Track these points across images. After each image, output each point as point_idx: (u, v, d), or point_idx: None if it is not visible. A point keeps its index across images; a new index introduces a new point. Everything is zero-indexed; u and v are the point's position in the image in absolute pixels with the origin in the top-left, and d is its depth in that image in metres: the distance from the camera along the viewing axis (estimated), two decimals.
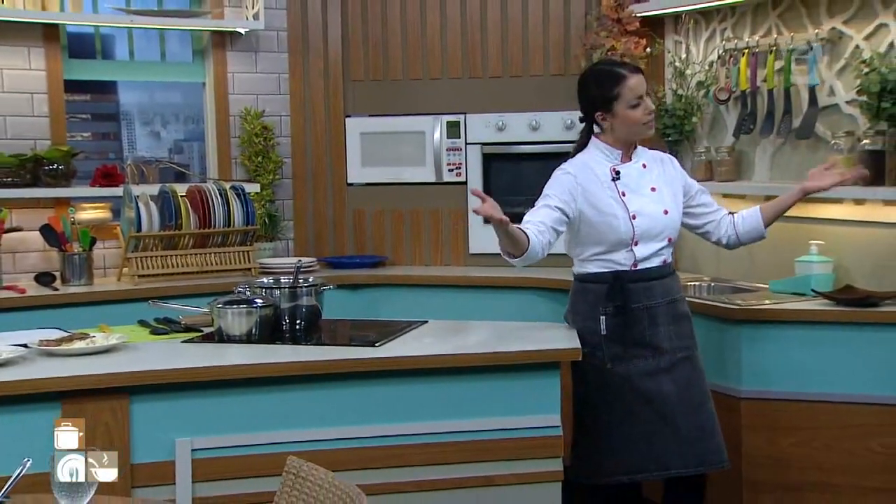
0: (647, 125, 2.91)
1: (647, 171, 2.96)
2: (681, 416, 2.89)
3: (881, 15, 3.39)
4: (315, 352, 2.90)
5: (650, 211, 2.91)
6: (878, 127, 3.33)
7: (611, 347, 2.91)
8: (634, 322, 2.90)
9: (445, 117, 4.65)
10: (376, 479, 2.75)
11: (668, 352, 2.91)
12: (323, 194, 4.84)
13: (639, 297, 2.90)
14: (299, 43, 4.77)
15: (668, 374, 2.90)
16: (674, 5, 4.12)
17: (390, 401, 2.82)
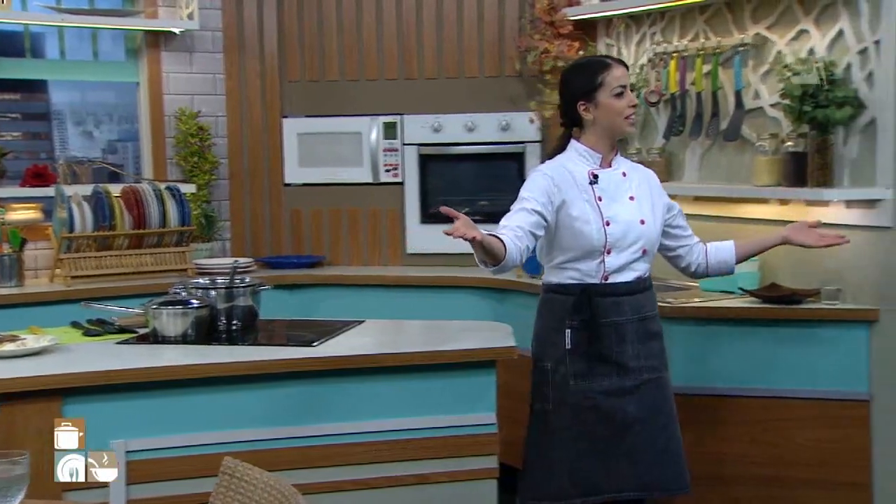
0: (630, 120, 2.77)
1: (626, 180, 2.80)
2: (641, 439, 2.74)
3: (802, 21, 3.50)
4: (251, 352, 2.90)
5: (626, 218, 2.74)
6: (800, 130, 3.44)
7: (575, 363, 2.75)
8: (601, 338, 2.73)
9: (382, 118, 4.67)
10: (314, 478, 2.76)
11: (635, 371, 2.75)
12: (260, 195, 4.82)
13: (606, 312, 2.73)
14: (235, 43, 4.75)
15: (632, 395, 2.74)
16: (605, 9, 4.20)
17: (327, 400, 2.84)
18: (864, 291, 3.33)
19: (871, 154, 3.29)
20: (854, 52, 3.33)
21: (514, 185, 4.53)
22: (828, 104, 3.27)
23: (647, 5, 4.00)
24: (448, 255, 4.65)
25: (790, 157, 3.46)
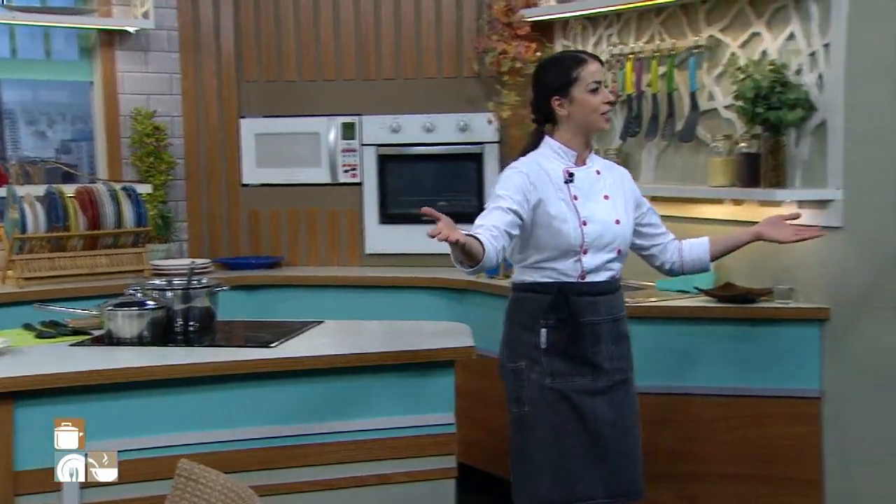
0: (605, 116, 2.70)
1: (600, 178, 2.74)
2: (610, 441, 2.69)
3: (755, 24, 3.56)
4: (209, 353, 2.88)
5: (602, 218, 2.69)
6: (753, 131, 3.49)
7: (551, 362, 2.68)
8: (577, 338, 2.67)
9: (340, 118, 4.66)
10: (272, 479, 2.75)
11: (608, 372, 2.70)
12: (217, 195, 4.79)
13: (583, 311, 2.67)
14: (191, 43, 4.71)
15: (604, 396, 2.69)
16: (562, 11, 4.23)
17: (285, 401, 2.83)
18: (815, 290, 3.39)
19: (821, 155, 3.35)
20: (805, 55, 3.39)
21: (472, 186, 4.64)
22: (780, 106, 3.33)
23: (604, 7, 4.03)
24: (407, 256, 4.66)
25: (744, 157, 3.52)
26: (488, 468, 4.10)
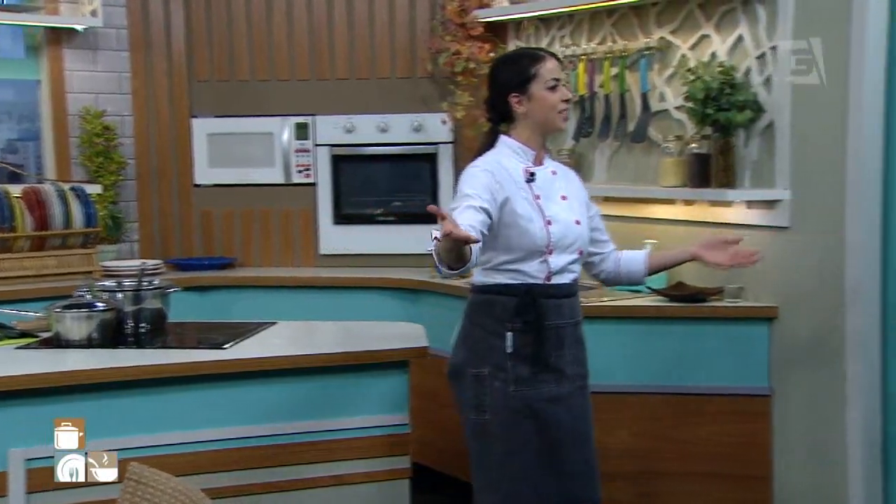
0: (563, 115, 2.65)
1: (557, 178, 2.70)
2: (570, 449, 2.64)
3: (704, 27, 3.61)
4: (160, 355, 2.86)
5: (564, 218, 2.63)
6: (703, 132, 3.54)
7: (516, 368, 2.59)
8: (543, 342, 2.60)
9: (294, 119, 4.64)
10: (225, 482, 2.73)
11: (570, 378, 2.64)
12: (169, 196, 4.74)
13: (550, 314, 2.60)
14: (141, 41, 4.66)
15: (565, 402, 2.63)
16: (515, 12, 4.25)
17: (238, 403, 2.81)
18: (764, 290, 3.44)
19: (770, 156, 3.40)
20: (753, 58, 3.44)
21: (427, 186, 4.65)
22: (729, 107, 3.38)
23: (556, 8, 4.06)
24: (361, 256, 4.65)
25: (694, 158, 3.56)
26: (443, 468, 4.11)
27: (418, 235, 4.56)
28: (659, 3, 3.75)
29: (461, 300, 4.00)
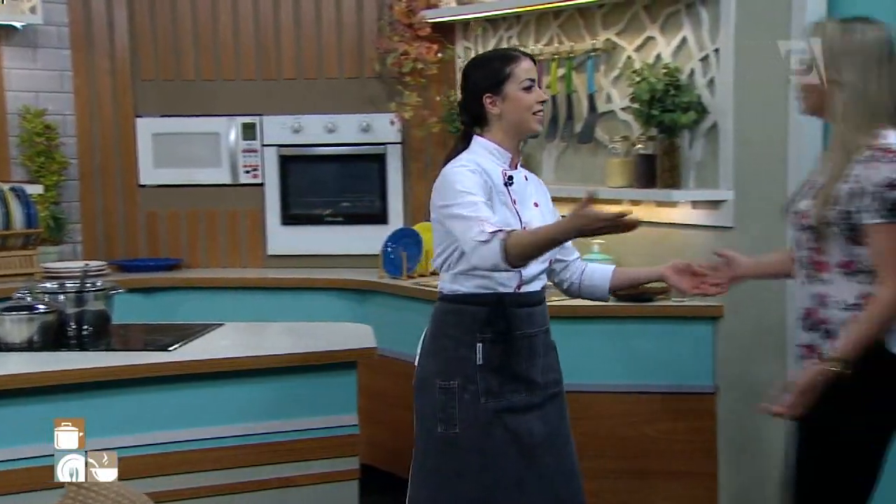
0: (538, 116, 2.56)
1: (528, 185, 2.64)
2: (548, 458, 2.57)
3: (649, 29, 3.65)
4: (104, 357, 2.82)
5: (536, 225, 2.53)
6: (649, 133, 3.58)
7: (486, 379, 2.51)
8: (514, 352, 2.53)
9: (240, 118, 4.60)
10: (171, 485, 2.71)
11: (542, 387, 2.58)
12: (113, 196, 4.68)
13: (521, 323, 2.53)
14: (83, 39, 4.58)
15: (539, 411, 2.57)
16: (462, 13, 4.26)
17: (184, 405, 2.78)
18: None
19: (714, 157, 3.46)
20: (696, 60, 3.49)
21: (375, 187, 4.64)
22: (674, 108, 3.42)
23: (503, 9, 4.08)
24: (309, 257, 4.63)
25: (640, 159, 3.60)
26: (391, 468, 4.10)
27: (366, 236, 4.61)
28: (604, 4, 3.79)
29: (408, 300, 4.04)
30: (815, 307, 2.33)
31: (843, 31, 2.30)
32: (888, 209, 2.21)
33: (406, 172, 4.59)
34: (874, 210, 2.21)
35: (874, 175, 2.21)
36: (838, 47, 2.28)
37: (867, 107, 2.27)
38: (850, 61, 2.27)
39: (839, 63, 2.28)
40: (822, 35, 2.31)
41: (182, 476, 2.75)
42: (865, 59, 2.27)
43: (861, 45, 2.28)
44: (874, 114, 2.27)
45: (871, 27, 2.30)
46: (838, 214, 2.25)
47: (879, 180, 2.20)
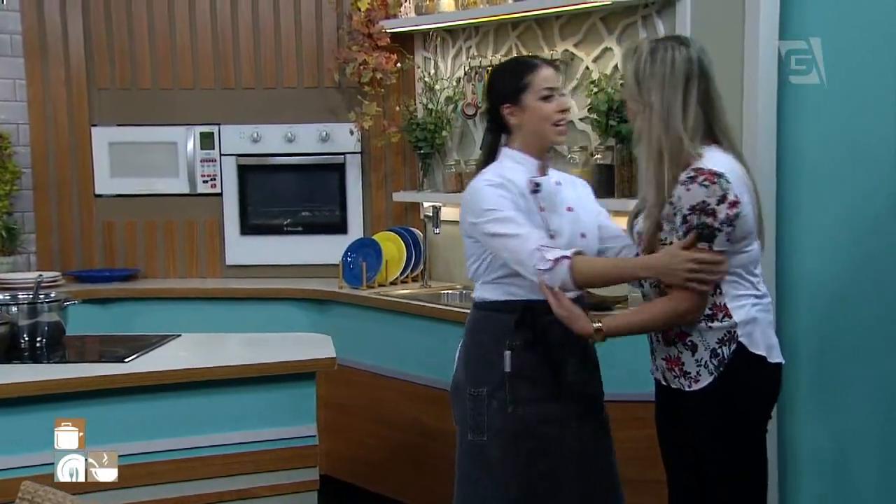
0: (559, 127, 2.50)
1: (561, 189, 2.57)
2: (581, 471, 2.51)
3: (606, 40, 3.69)
4: (58, 370, 2.78)
5: (568, 231, 2.50)
6: (607, 143, 3.61)
7: (515, 388, 2.48)
8: (544, 361, 2.48)
9: (198, 128, 4.57)
10: (127, 498, 2.67)
11: (574, 398, 2.52)
12: (68, 206, 4.62)
13: (550, 332, 2.47)
14: (37, 48, 4.53)
15: (574, 422, 2.51)
16: (421, 23, 4.27)
17: (140, 417, 2.75)
18: None
19: None
20: None
21: (334, 196, 4.63)
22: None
23: (462, 20, 4.09)
24: (268, 267, 4.61)
25: (599, 168, 3.63)
26: (350, 479, 4.09)
27: (326, 246, 4.60)
28: (562, 16, 3.82)
29: (368, 310, 4.03)
30: None
31: (650, 52, 2.33)
32: (689, 232, 2.25)
33: (366, 182, 4.58)
34: (680, 232, 2.26)
35: (690, 198, 2.25)
36: (645, 70, 2.32)
37: (673, 128, 2.29)
38: (656, 85, 2.31)
39: (647, 85, 2.32)
40: (634, 56, 2.35)
41: (138, 489, 2.71)
42: (670, 83, 2.30)
43: (667, 68, 2.31)
44: (681, 135, 2.29)
45: (678, 49, 2.33)
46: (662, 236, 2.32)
47: (694, 203, 2.24)
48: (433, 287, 4.31)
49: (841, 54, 3.18)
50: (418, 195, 4.45)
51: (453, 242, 4.41)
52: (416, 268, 4.41)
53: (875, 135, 3.18)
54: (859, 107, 3.19)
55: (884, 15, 3.14)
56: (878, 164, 3.19)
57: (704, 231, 2.24)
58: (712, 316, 2.34)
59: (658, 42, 2.38)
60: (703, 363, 2.36)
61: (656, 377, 2.55)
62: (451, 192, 4.26)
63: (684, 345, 2.38)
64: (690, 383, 2.39)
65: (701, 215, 2.24)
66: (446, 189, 4.30)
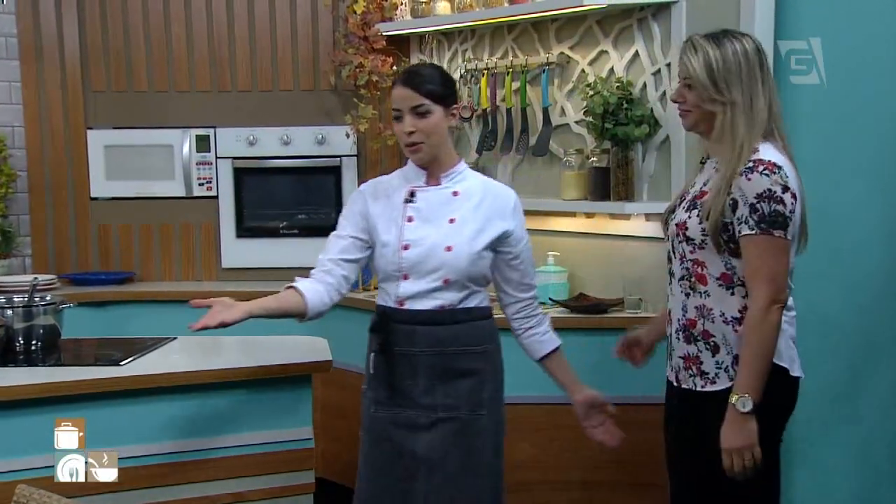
0: (409, 149, 2.49)
1: (455, 200, 2.51)
2: (429, 484, 2.48)
3: (602, 43, 3.69)
4: (53, 373, 2.78)
5: (429, 243, 2.46)
6: (603, 146, 3.61)
7: (376, 389, 2.55)
8: (395, 367, 2.51)
9: (194, 131, 4.57)
10: (121, 501, 2.66)
11: (428, 409, 2.49)
12: (64, 209, 4.61)
13: (400, 340, 2.50)
14: (32, 51, 4.52)
15: (424, 433, 2.49)
16: (417, 26, 4.28)
17: (136, 421, 2.74)
18: (662, 300, 3.51)
19: (666, 170, 3.50)
20: (649, 73, 3.53)
21: (330, 199, 4.62)
22: (627, 122, 3.46)
23: (458, 23, 4.10)
24: (265, 270, 4.60)
25: (595, 171, 3.63)
26: (347, 482, 4.06)
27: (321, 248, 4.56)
28: (558, 19, 3.82)
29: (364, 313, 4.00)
30: (696, 318, 2.36)
31: (719, 47, 2.30)
32: (761, 220, 2.23)
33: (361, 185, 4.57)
34: (751, 222, 2.23)
35: (753, 187, 2.23)
36: (721, 66, 2.29)
37: (754, 124, 2.29)
38: (735, 80, 2.29)
39: (726, 82, 2.29)
40: (700, 53, 2.31)
41: (134, 492, 2.70)
42: (748, 76, 2.29)
43: (741, 61, 2.29)
44: (758, 129, 2.29)
45: (740, 41, 2.32)
46: (721, 226, 2.27)
47: (760, 191, 2.23)
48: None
49: (841, 54, 3.19)
50: None
51: None
52: None
53: (875, 135, 3.18)
54: (859, 107, 3.19)
55: (884, 15, 3.15)
56: (879, 164, 3.19)
57: (778, 219, 2.22)
58: (740, 319, 2.30)
59: (718, 37, 2.32)
60: (724, 367, 2.33)
61: (669, 378, 2.52)
62: None
63: (706, 343, 2.35)
64: (706, 384, 2.35)
65: (770, 202, 2.22)
66: None
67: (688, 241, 2.34)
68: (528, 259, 2.62)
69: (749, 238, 2.24)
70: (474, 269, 2.49)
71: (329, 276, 2.55)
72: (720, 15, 3.27)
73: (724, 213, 2.26)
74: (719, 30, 2.38)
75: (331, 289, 2.55)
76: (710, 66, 2.29)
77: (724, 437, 2.28)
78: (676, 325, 2.43)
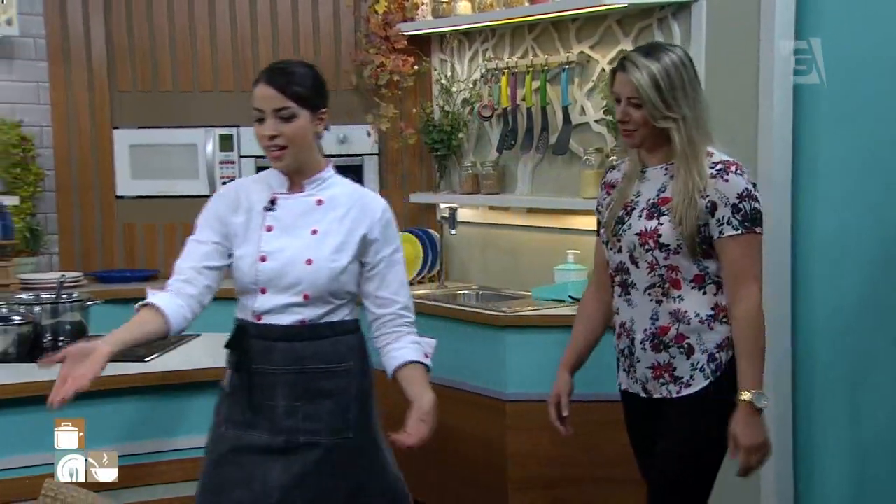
0: (270, 153, 2.30)
1: (319, 210, 2.34)
2: None
3: (622, 42, 3.70)
4: None
5: (288, 256, 2.29)
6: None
7: (229, 407, 2.34)
8: (251, 385, 2.30)
9: (218, 130, 4.61)
10: (146, 496, 2.71)
11: (286, 432, 2.28)
12: (90, 208, 4.67)
13: (255, 357, 2.30)
14: (60, 52, 4.58)
15: (281, 458, 2.28)
16: (438, 26, 4.30)
17: (161, 416, 2.79)
18: None
19: None
20: None
21: None
22: None
23: (479, 23, 4.12)
24: None
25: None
26: None
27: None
28: (578, 18, 3.84)
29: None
30: (669, 325, 2.36)
31: (659, 62, 2.30)
32: (745, 219, 2.27)
33: (383, 184, 4.61)
34: (735, 222, 2.26)
35: (732, 188, 2.27)
36: (666, 82, 2.29)
37: (706, 130, 2.34)
38: (680, 94, 2.30)
39: (673, 97, 2.29)
40: (643, 71, 2.29)
41: (157, 487, 2.75)
42: (691, 87, 2.32)
43: (682, 74, 2.31)
44: (708, 133, 2.35)
45: (674, 52, 2.34)
46: (696, 229, 2.29)
47: (738, 192, 2.27)
48: (450, 287, 4.33)
49: (841, 54, 3.18)
50: (435, 196, 4.48)
51: (470, 243, 4.44)
52: (432, 268, 4.44)
53: (875, 135, 3.17)
54: (859, 107, 3.18)
55: (884, 15, 3.13)
56: (879, 164, 3.18)
57: (757, 216, 2.28)
58: (714, 316, 2.33)
59: (652, 53, 2.33)
60: (700, 367, 2.34)
61: (633, 391, 2.51)
62: (467, 193, 4.29)
63: (679, 348, 2.35)
64: (681, 388, 2.37)
65: (750, 201, 2.27)
66: (462, 190, 4.33)
67: (661, 247, 2.33)
68: (393, 274, 2.38)
69: (734, 238, 2.27)
70: (336, 284, 2.31)
71: (189, 285, 2.34)
72: (741, 13, 3.28)
73: (699, 217, 2.29)
74: (648, 44, 2.44)
75: (192, 301, 2.33)
76: (658, 83, 2.29)
77: (743, 436, 2.29)
78: (641, 335, 2.41)
